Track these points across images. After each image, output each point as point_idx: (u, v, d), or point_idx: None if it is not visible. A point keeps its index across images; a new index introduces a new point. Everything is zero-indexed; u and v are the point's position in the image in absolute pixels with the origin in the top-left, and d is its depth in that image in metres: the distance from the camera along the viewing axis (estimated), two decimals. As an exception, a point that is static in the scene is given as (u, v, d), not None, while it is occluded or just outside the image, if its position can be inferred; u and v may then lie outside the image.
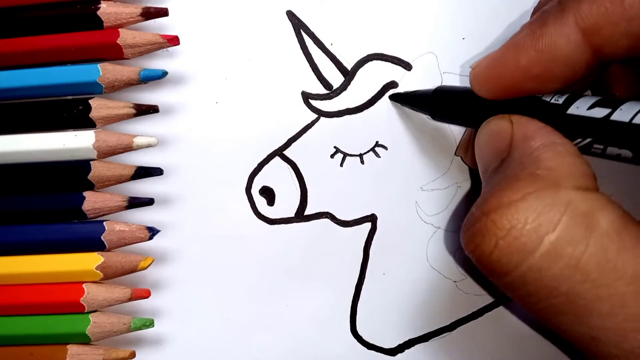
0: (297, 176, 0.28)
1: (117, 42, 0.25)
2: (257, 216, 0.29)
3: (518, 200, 0.18)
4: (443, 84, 0.28)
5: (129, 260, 0.26)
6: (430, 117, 0.27)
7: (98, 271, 0.26)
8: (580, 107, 0.20)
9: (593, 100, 0.20)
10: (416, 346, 0.29)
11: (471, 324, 0.29)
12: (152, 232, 0.26)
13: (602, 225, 0.18)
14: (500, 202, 0.19)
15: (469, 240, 0.20)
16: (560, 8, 0.20)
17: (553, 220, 0.18)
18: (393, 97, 0.28)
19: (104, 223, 0.26)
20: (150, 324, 0.27)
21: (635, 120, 0.18)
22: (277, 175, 0.28)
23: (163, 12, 0.25)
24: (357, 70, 0.28)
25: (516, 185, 0.19)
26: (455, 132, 0.28)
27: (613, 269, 0.17)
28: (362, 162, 0.28)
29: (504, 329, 0.29)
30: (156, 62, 0.28)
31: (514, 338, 0.29)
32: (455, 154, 0.29)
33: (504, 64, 0.22)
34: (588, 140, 0.20)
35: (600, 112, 0.19)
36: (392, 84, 0.28)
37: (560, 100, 0.21)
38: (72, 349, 0.26)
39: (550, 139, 0.20)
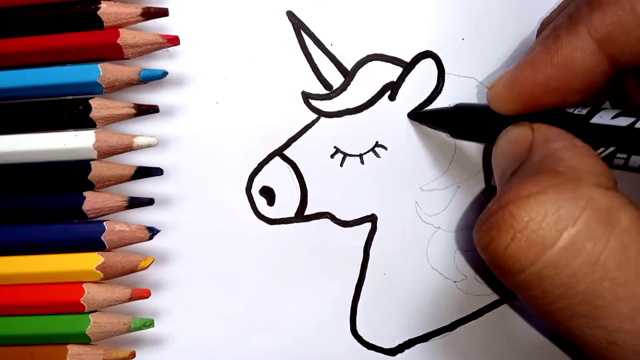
0: (297, 176, 0.28)
1: (118, 42, 0.25)
2: (257, 216, 0.29)
3: (538, 193, 0.18)
4: (444, 85, 0.28)
5: (129, 260, 0.26)
6: (449, 136, 0.27)
7: (98, 271, 0.26)
8: (604, 117, 0.20)
9: (616, 111, 0.20)
10: (416, 346, 0.29)
11: (471, 324, 0.29)
12: (152, 232, 0.26)
13: (623, 223, 0.17)
14: (518, 195, 0.18)
15: (484, 233, 0.19)
16: (572, 21, 0.20)
17: (573, 215, 0.17)
18: (411, 116, 0.28)
19: (104, 223, 0.26)
20: (150, 324, 0.27)
21: None
22: (277, 175, 0.28)
23: (163, 12, 0.26)
24: (357, 70, 0.28)
25: (536, 179, 0.18)
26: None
27: (634, 267, 0.17)
28: (362, 162, 0.29)
29: (504, 329, 0.29)
30: (156, 62, 0.28)
31: (514, 338, 0.29)
32: (491, 184, 0.29)
33: (522, 82, 0.21)
34: (611, 149, 0.20)
35: (624, 121, 0.19)
36: (392, 84, 0.28)
37: (584, 112, 0.21)
38: (72, 349, 0.26)
39: (571, 142, 0.20)
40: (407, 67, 0.28)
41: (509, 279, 0.19)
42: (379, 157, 0.29)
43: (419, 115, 0.28)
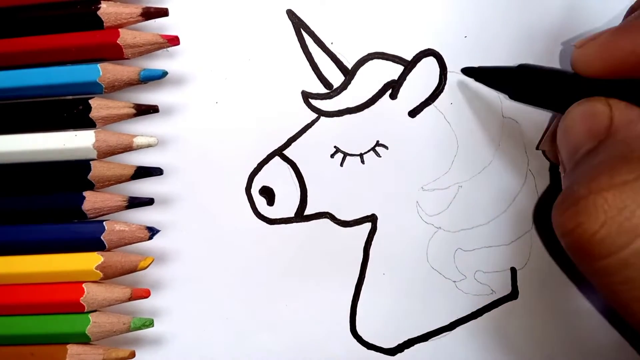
0: (297, 176, 0.28)
1: (117, 42, 0.25)
2: (257, 216, 0.29)
3: (632, 181, 0.18)
4: (446, 83, 0.28)
5: (129, 260, 0.26)
6: (507, 97, 0.26)
7: (98, 271, 0.26)
8: None
9: None
10: (416, 346, 0.29)
11: (471, 324, 0.29)
12: (152, 232, 0.26)
13: None
14: (612, 181, 0.18)
15: (570, 218, 0.19)
16: None
17: None
18: (467, 72, 0.27)
19: (104, 223, 0.26)
20: (150, 323, 0.27)
21: None
22: (277, 175, 0.28)
23: (163, 12, 0.26)
24: (358, 69, 0.28)
25: (629, 167, 0.18)
26: (457, 131, 0.28)
27: None
28: (363, 161, 0.28)
29: (504, 329, 0.29)
30: (156, 62, 0.28)
31: (514, 338, 0.29)
32: (537, 148, 0.28)
33: (618, 48, 0.21)
34: None
35: None
36: (393, 83, 0.28)
37: None
38: (72, 348, 0.26)
39: None
40: (409, 66, 0.28)
41: (591, 263, 0.19)
42: (380, 156, 0.28)
43: (476, 71, 0.27)
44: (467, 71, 0.27)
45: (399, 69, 0.28)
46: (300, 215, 0.29)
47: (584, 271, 0.20)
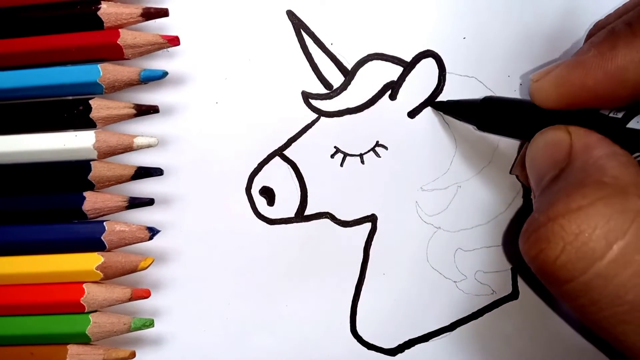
0: (297, 176, 0.28)
1: (118, 42, 0.25)
2: (257, 216, 0.29)
3: (587, 206, 0.18)
4: (445, 84, 0.28)
5: (129, 260, 0.26)
6: (475, 128, 0.27)
7: (98, 271, 0.26)
8: None
9: None
10: (416, 346, 0.29)
11: (471, 324, 0.29)
12: (152, 232, 0.26)
13: None
14: (568, 208, 0.19)
15: (532, 245, 0.19)
16: (631, 32, 0.20)
17: (623, 227, 0.18)
18: (435, 106, 0.28)
19: (104, 223, 0.26)
20: (150, 324, 0.27)
21: None
22: (277, 175, 0.28)
23: (163, 13, 0.26)
24: (358, 69, 0.28)
25: (583, 192, 0.19)
26: (455, 132, 0.28)
27: None
28: (362, 162, 0.28)
29: (504, 329, 0.29)
30: (156, 63, 0.28)
31: (514, 338, 0.29)
32: (510, 172, 0.29)
33: (570, 83, 0.22)
34: None
35: None
36: (392, 84, 0.28)
37: (619, 115, 0.21)
38: (72, 348, 0.26)
39: (612, 149, 0.20)
40: (408, 67, 0.28)
41: (557, 287, 0.19)
42: (380, 157, 0.29)
43: (444, 105, 0.28)
44: (435, 105, 0.28)
45: (399, 69, 0.28)
46: (300, 216, 0.29)
47: (553, 293, 0.20)
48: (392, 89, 0.28)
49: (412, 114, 0.28)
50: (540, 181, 0.22)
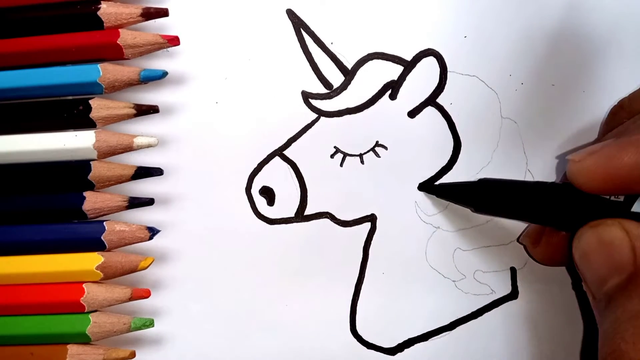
0: (297, 176, 0.28)
1: (118, 42, 0.25)
2: (257, 216, 0.29)
3: None
4: (446, 83, 0.28)
5: (129, 260, 0.26)
6: (473, 210, 0.27)
7: (98, 271, 0.26)
8: None
9: None
10: (416, 346, 0.29)
11: (471, 323, 0.29)
12: (152, 232, 0.26)
13: None
14: None
15: None
16: None
17: None
18: (429, 190, 0.28)
19: (104, 223, 0.26)
20: (150, 323, 0.27)
21: None
22: (277, 175, 0.28)
23: (163, 13, 0.26)
24: (358, 69, 0.28)
25: None
26: (455, 132, 0.28)
27: None
28: (362, 162, 0.28)
29: (504, 329, 0.29)
30: (156, 62, 0.28)
31: (514, 338, 0.29)
32: (517, 241, 0.28)
33: (621, 164, 0.21)
34: None
35: None
36: (392, 83, 0.28)
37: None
38: (72, 348, 0.26)
39: None
40: (408, 66, 0.28)
41: None
42: (379, 156, 0.28)
43: (438, 188, 0.28)
44: (428, 188, 0.28)
45: (399, 69, 0.28)
46: (300, 215, 0.29)
47: None
48: (392, 88, 0.28)
49: (412, 113, 0.28)
50: (601, 284, 0.21)
